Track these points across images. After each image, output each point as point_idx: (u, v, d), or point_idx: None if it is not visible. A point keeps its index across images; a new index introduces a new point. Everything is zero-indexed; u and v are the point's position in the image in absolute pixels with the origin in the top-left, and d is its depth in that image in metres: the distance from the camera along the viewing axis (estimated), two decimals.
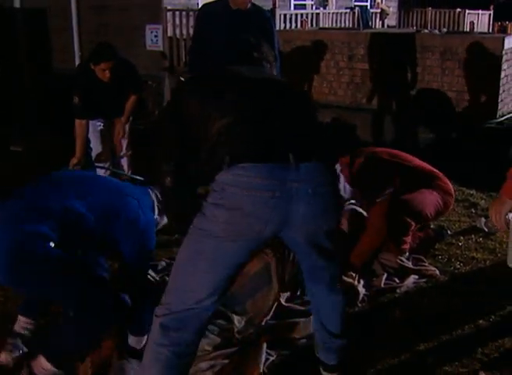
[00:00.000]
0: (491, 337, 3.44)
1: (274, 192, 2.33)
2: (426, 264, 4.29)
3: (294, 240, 2.59)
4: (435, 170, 4.58)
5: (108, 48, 5.41)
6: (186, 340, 2.50)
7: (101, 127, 5.71)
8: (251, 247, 2.50)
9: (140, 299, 2.96)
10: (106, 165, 5.57)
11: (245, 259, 2.57)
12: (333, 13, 12.73)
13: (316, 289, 2.85)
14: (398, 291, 3.96)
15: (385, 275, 4.09)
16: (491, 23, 16.50)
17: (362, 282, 3.94)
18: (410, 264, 4.25)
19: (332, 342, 2.89)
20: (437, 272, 4.19)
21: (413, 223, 4.26)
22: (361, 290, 3.83)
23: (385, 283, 4.02)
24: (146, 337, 2.81)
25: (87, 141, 5.64)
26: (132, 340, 3.01)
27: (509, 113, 7.77)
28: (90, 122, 5.60)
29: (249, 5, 4.60)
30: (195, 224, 2.48)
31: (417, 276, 4.11)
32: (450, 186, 4.56)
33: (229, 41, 4.67)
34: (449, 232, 4.82)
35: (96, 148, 5.69)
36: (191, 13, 9.97)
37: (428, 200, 4.33)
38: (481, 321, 3.60)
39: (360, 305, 3.76)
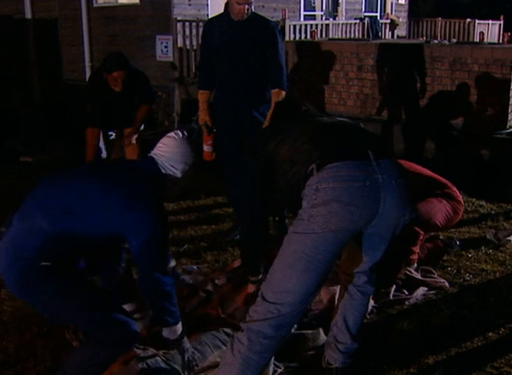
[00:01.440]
0: (500, 350, 3.41)
1: (365, 181, 2.54)
2: (435, 276, 4.26)
3: (375, 230, 2.73)
4: (442, 179, 4.54)
5: (120, 57, 5.48)
6: (274, 346, 2.64)
7: (113, 137, 5.78)
8: (346, 239, 2.63)
9: (155, 292, 2.85)
10: None
11: (338, 253, 2.70)
12: (343, 24, 12.73)
13: (359, 279, 3.00)
14: (407, 302, 3.94)
15: (394, 287, 4.06)
16: (501, 33, 16.46)
17: None
18: (418, 275, 4.23)
19: (352, 345, 3.05)
20: (446, 284, 4.17)
21: (421, 233, 4.24)
22: (370, 301, 3.80)
23: (393, 295, 4.00)
24: (178, 326, 2.92)
25: (99, 151, 5.69)
26: (165, 331, 2.94)
27: None
28: (102, 132, 5.67)
29: (245, 15, 4.64)
30: (291, 230, 2.65)
31: (426, 288, 4.09)
32: (458, 193, 4.52)
33: (228, 51, 4.77)
34: (458, 243, 4.79)
35: (107, 157, 5.76)
36: (201, 24, 9.99)
37: (437, 208, 4.30)
38: (490, 333, 3.58)
39: (368, 316, 3.74)
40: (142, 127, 5.90)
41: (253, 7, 4.75)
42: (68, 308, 2.74)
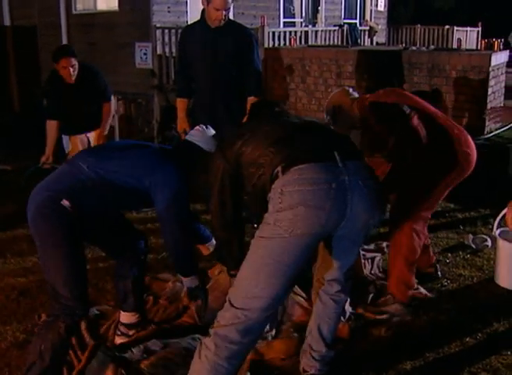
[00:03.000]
0: (478, 355, 3.42)
1: (331, 184, 2.50)
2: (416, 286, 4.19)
3: (344, 233, 2.69)
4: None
5: (66, 46, 5.94)
6: (244, 352, 2.64)
7: (88, 139, 5.91)
8: (314, 242, 2.62)
9: (177, 244, 3.21)
10: None
11: (308, 257, 2.66)
12: (322, 31, 12.78)
13: (332, 287, 2.98)
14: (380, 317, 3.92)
15: (371, 295, 4.05)
16: (479, 39, 16.61)
17: (348, 300, 3.91)
18: None
19: (327, 353, 3.06)
20: (422, 290, 4.14)
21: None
22: (347, 308, 3.80)
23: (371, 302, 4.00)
24: (196, 276, 3.31)
25: (62, 149, 5.92)
26: (185, 281, 3.33)
27: (496, 130, 7.80)
28: (78, 136, 5.79)
29: (222, 21, 4.65)
30: (257, 235, 2.61)
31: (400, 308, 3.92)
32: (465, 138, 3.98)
33: (205, 58, 4.78)
34: (439, 274, 4.47)
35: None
36: (180, 31, 10.00)
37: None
38: (467, 339, 3.59)
39: (345, 322, 3.73)
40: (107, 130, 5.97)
41: (230, 14, 4.77)
42: (49, 260, 2.98)
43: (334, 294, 2.99)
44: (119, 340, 3.52)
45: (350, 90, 4.16)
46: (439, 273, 4.42)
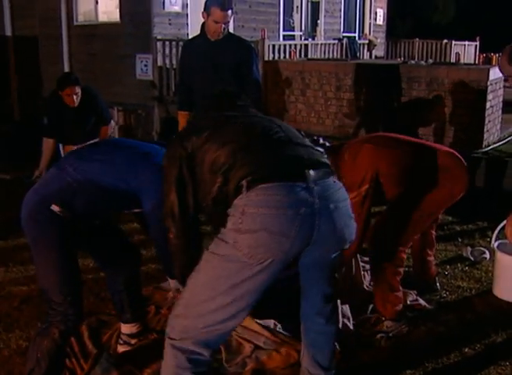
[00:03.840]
0: (476, 366, 3.45)
1: (298, 208, 2.30)
2: (415, 297, 4.22)
3: (312, 260, 2.57)
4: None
5: (71, 75, 6.22)
6: (207, 360, 2.52)
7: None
8: (276, 269, 2.41)
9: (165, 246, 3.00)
10: None
11: (269, 283, 2.47)
12: (322, 44, 12.88)
13: (315, 322, 2.80)
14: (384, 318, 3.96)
15: (371, 306, 4.07)
16: (477, 54, 16.72)
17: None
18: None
19: (327, 374, 2.88)
20: (422, 302, 4.18)
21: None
22: (348, 315, 3.83)
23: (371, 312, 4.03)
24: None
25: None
26: (174, 283, 3.14)
27: (494, 143, 7.86)
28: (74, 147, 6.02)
29: (221, 34, 4.71)
30: (213, 250, 2.43)
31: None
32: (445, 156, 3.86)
33: (206, 71, 4.83)
34: (438, 286, 4.47)
35: None
36: (181, 43, 10.05)
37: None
38: (466, 349, 3.62)
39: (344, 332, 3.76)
40: None
41: (229, 27, 4.83)
42: (42, 264, 2.99)
43: (320, 330, 2.82)
44: (121, 349, 3.55)
45: (320, 140, 3.97)
46: (438, 284, 4.46)
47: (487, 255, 5.01)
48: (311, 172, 2.41)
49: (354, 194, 3.73)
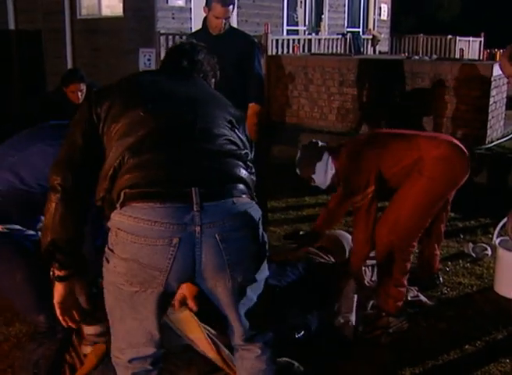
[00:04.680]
0: (476, 363, 3.45)
1: (171, 239, 1.95)
2: (416, 293, 4.20)
3: (209, 289, 2.13)
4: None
5: (77, 71, 6.14)
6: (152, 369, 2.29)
7: None
8: (162, 296, 2.08)
9: None
10: None
11: (164, 306, 2.20)
12: (325, 39, 12.84)
13: (246, 353, 2.34)
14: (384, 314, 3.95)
15: (372, 302, 4.03)
16: (481, 50, 16.66)
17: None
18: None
19: None
20: (422, 298, 4.17)
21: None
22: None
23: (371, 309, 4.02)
24: None
25: None
26: None
27: (498, 139, 7.83)
28: None
29: (222, 29, 4.69)
30: (104, 266, 2.12)
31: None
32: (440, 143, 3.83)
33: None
34: (441, 280, 4.48)
35: None
36: (184, 37, 10.05)
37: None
38: (466, 346, 3.61)
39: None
40: None
41: (231, 21, 4.81)
42: (11, 289, 2.77)
43: (254, 357, 2.33)
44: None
45: (318, 143, 4.05)
46: (441, 279, 4.45)
47: (489, 252, 4.99)
48: (201, 191, 1.98)
49: (360, 198, 3.79)
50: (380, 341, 3.65)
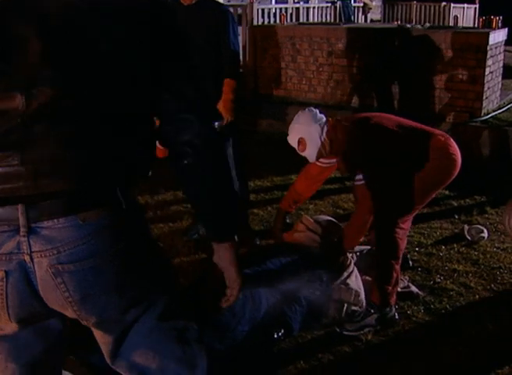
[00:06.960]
0: (472, 360, 3.18)
1: None
2: (406, 284, 3.91)
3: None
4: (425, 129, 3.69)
5: None
6: None
7: None
8: (28, 336, 1.64)
9: None
10: None
11: (42, 357, 1.69)
12: (314, 7, 12.40)
13: None
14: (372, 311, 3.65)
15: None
16: (476, 17, 16.28)
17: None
18: None
19: None
20: (413, 288, 3.87)
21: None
22: None
23: None
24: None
25: None
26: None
27: (494, 111, 7.49)
28: None
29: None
30: None
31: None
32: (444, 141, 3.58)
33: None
34: (410, 263, 4.24)
35: None
36: None
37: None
38: (460, 343, 3.32)
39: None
40: None
41: None
42: None
43: None
44: None
45: (317, 112, 3.78)
46: (410, 263, 4.22)
47: (485, 234, 4.67)
48: (30, 208, 1.45)
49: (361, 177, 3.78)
50: (366, 339, 3.37)
